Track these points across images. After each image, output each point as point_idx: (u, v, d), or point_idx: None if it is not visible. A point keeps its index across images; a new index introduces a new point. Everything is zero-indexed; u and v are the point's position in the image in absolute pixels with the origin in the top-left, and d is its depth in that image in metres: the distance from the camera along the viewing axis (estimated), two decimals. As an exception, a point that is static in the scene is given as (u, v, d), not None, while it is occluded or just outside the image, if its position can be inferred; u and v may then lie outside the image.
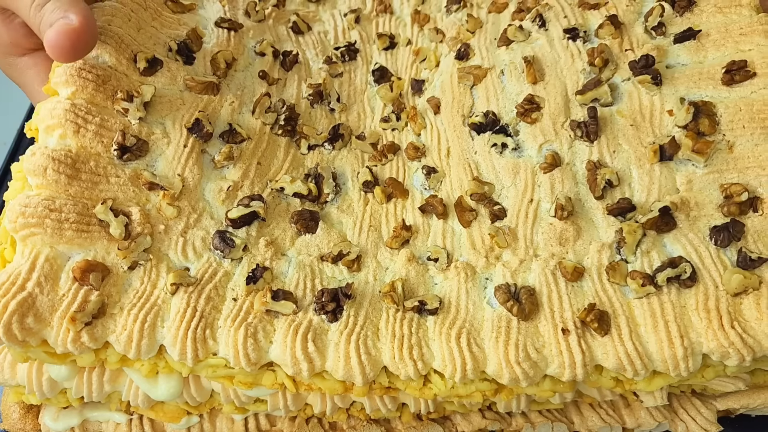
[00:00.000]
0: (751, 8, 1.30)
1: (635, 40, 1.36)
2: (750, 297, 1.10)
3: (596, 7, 1.44)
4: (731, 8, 1.31)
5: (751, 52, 1.25)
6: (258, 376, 1.14)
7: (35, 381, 1.19)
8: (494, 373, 1.11)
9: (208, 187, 1.26)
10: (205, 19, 1.52)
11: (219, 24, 1.50)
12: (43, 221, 1.10)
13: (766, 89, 1.20)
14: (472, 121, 1.35)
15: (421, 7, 1.69)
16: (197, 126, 1.28)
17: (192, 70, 1.38)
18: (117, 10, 1.34)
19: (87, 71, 1.23)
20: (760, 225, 1.14)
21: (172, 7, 1.48)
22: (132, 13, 1.36)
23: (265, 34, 1.56)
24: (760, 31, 1.26)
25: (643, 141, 1.23)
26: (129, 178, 1.19)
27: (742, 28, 1.27)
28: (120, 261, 1.13)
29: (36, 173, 1.14)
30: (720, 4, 1.33)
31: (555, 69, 1.36)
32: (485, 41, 1.50)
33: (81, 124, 1.18)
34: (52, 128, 1.19)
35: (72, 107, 1.18)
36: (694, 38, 1.31)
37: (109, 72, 1.25)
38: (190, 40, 1.41)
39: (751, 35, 1.26)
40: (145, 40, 1.36)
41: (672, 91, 1.26)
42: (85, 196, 1.15)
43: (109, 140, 1.20)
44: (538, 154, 1.29)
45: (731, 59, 1.24)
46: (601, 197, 1.22)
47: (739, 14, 1.31)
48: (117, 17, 1.33)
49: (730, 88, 1.23)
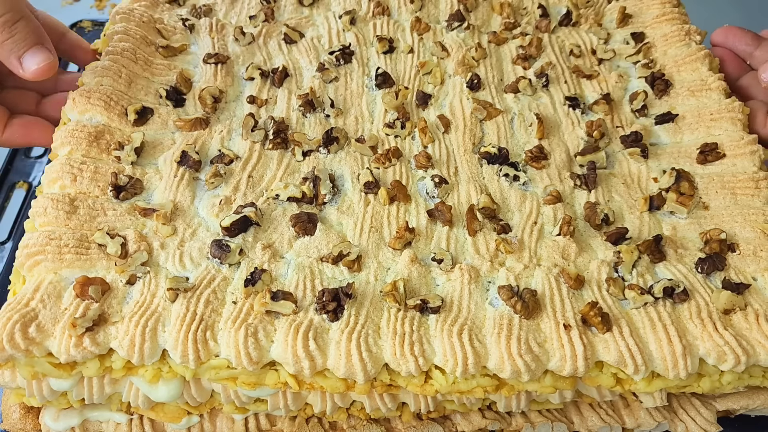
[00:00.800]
0: (720, 92, 1.47)
1: (624, 118, 1.51)
2: (738, 314, 1.18)
3: (589, 78, 1.58)
4: (702, 92, 1.49)
5: (721, 137, 1.42)
6: (261, 376, 1.15)
7: (35, 386, 1.20)
8: (496, 367, 1.12)
9: (202, 205, 1.30)
10: (197, 57, 1.59)
11: (206, 60, 1.54)
12: (44, 249, 1.18)
13: (735, 167, 1.37)
14: (485, 150, 1.41)
15: (419, 13, 1.71)
16: (185, 157, 1.34)
17: (183, 111, 1.45)
18: (107, 69, 1.45)
19: (79, 131, 1.34)
20: (739, 262, 1.26)
21: (164, 53, 1.55)
22: (123, 68, 1.47)
23: (255, 56, 1.60)
24: (728, 117, 1.43)
25: (633, 196, 1.37)
26: (125, 210, 1.27)
27: (712, 113, 1.44)
28: (119, 277, 1.17)
29: (38, 214, 1.24)
30: (692, 88, 1.50)
31: (558, 131, 1.49)
32: (493, 78, 1.59)
33: (77, 173, 1.30)
34: (53, 181, 1.29)
35: (68, 161, 1.30)
36: (672, 121, 1.47)
37: (101, 128, 1.36)
38: (178, 84, 1.48)
39: (720, 121, 1.43)
40: (137, 92, 1.46)
41: (656, 164, 1.42)
42: (84, 227, 1.23)
43: (104, 184, 1.29)
44: (543, 192, 1.37)
45: (704, 141, 1.41)
46: (599, 227, 1.30)
47: (710, 98, 1.48)
48: (107, 77, 1.44)
49: (704, 166, 1.39)
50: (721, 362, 1.13)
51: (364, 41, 1.64)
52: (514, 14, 1.76)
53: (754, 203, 1.33)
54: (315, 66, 1.57)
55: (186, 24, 1.64)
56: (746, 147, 1.38)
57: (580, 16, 1.73)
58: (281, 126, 1.42)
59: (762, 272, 1.24)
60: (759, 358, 1.14)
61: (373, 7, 1.71)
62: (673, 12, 1.69)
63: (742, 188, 1.34)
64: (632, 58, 1.61)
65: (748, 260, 1.26)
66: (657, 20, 1.68)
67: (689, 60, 1.56)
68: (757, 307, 1.19)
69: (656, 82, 1.53)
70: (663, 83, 1.52)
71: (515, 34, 1.69)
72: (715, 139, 1.42)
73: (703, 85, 1.50)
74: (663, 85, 1.52)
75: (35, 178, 1.79)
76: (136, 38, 1.54)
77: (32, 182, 1.79)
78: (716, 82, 1.50)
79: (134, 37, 1.54)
